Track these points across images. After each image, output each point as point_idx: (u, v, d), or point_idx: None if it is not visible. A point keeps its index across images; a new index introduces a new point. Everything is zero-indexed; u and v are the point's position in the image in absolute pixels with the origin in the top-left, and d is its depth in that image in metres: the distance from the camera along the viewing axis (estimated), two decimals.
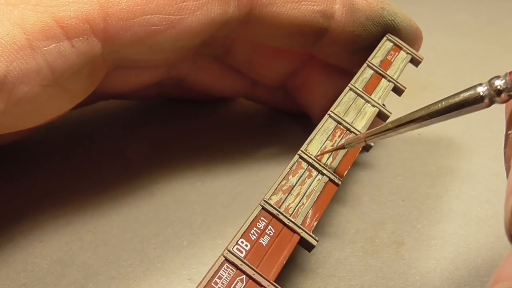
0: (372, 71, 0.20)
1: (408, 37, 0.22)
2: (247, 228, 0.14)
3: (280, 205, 0.15)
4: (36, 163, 0.24)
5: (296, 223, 0.15)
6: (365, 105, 0.19)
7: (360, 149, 0.18)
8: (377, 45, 0.21)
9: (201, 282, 0.13)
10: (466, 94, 0.15)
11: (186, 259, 0.19)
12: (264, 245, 0.14)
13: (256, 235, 0.14)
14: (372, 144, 0.18)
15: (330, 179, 0.16)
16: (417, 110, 0.15)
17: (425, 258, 0.19)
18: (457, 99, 0.15)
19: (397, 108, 0.30)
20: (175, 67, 0.24)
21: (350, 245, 0.20)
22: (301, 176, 0.16)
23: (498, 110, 0.29)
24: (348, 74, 0.22)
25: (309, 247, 0.15)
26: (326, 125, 0.18)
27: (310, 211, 0.15)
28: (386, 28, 0.22)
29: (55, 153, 0.25)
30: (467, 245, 0.20)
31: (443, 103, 0.15)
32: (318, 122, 0.18)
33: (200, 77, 0.25)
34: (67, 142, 0.26)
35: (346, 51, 0.22)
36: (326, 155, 0.17)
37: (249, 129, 0.27)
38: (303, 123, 0.27)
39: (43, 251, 0.19)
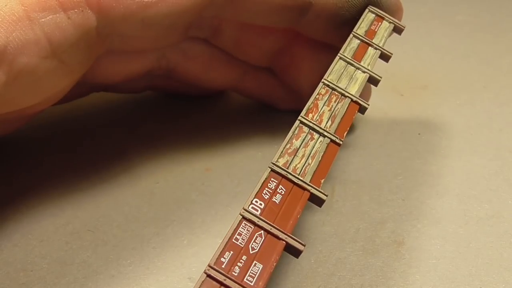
0: (359, 41, 0.21)
1: (388, 8, 0.23)
2: (259, 189, 0.15)
3: (288, 166, 0.16)
4: (35, 163, 0.24)
5: (305, 181, 0.15)
6: (356, 71, 0.20)
7: (356, 111, 0.19)
8: (359, 18, 0.22)
9: (222, 240, 0.13)
10: None
11: (186, 259, 0.19)
12: (277, 202, 0.15)
13: (269, 195, 0.15)
14: (367, 106, 0.19)
15: (331, 140, 0.17)
16: None
17: (425, 257, 0.19)
18: None
19: (397, 108, 0.30)
20: (164, 57, 0.24)
21: (350, 244, 0.20)
22: (304, 139, 0.17)
23: (498, 110, 0.29)
24: (334, 49, 0.23)
25: (319, 202, 0.16)
26: (321, 92, 0.19)
27: (316, 170, 0.16)
28: (367, 0, 0.23)
29: (55, 153, 0.25)
30: (467, 245, 0.20)
31: None
32: (308, 98, 0.19)
33: (190, 67, 0.25)
34: (66, 142, 0.26)
35: (330, 25, 0.23)
36: (325, 120, 0.18)
37: (250, 129, 0.27)
38: None
39: (43, 251, 0.19)
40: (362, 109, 0.19)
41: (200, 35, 0.24)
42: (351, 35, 0.21)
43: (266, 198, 0.15)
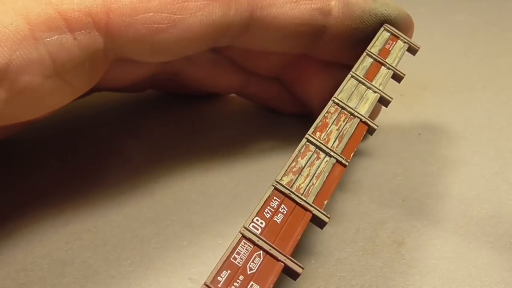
0: (372, 59, 0.21)
1: (401, 25, 0.23)
2: (261, 207, 0.15)
3: (292, 185, 0.16)
4: (35, 163, 0.24)
5: (308, 201, 0.15)
6: (367, 91, 0.20)
7: (365, 132, 0.18)
8: (374, 36, 0.22)
9: (220, 258, 0.13)
10: None
11: (186, 259, 0.19)
12: (279, 222, 0.14)
13: (270, 213, 0.15)
14: (375, 127, 0.19)
15: (337, 161, 0.17)
16: None
17: (425, 258, 0.19)
18: None
19: (397, 108, 0.30)
20: (169, 62, 0.24)
21: (351, 244, 0.20)
22: (309, 158, 0.17)
23: (498, 110, 0.29)
24: (346, 67, 0.22)
25: (321, 224, 0.15)
26: (330, 110, 0.18)
27: (320, 191, 0.16)
28: (381, 19, 0.22)
29: (55, 153, 0.25)
30: (467, 245, 0.20)
31: None
32: (318, 113, 0.18)
33: (195, 71, 0.25)
34: (66, 142, 0.26)
35: (344, 46, 0.22)
36: (332, 139, 0.17)
37: (250, 128, 0.27)
38: (303, 122, 0.27)
39: (43, 251, 0.19)
40: (371, 130, 0.19)
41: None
42: (364, 53, 0.21)
43: (267, 217, 0.14)
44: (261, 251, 0.14)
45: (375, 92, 0.20)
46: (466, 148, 0.25)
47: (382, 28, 0.22)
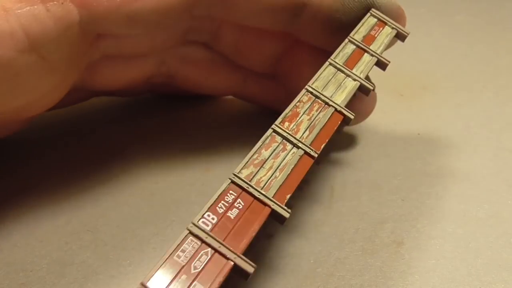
0: (354, 46, 0.20)
1: (389, 13, 0.22)
2: (214, 201, 0.14)
3: (251, 179, 0.15)
4: (35, 163, 0.24)
5: (268, 195, 0.14)
6: (345, 79, 0.19)
7: (340, 122, 0.17)
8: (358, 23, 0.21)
9: (162, 256, 0.12)
10: None
11: None
12: (232, 218, 0.14)
13: (224, 208, 0.14)
14: (351, 117, 0.18)
15: (305, 152, 0.16)
16: None
17: (425, 258, 0.19)
18: None
19: (397, 108, 0.30)
20: (164, 63, 0.24)
21: (350, 244, 0.20)
22: (274, 150, 0.16)
23: (498, 110, 0.29)
24: None
25: (281, 219, 0.15)
26: (303, 99, 0.18)
27: (283, 184, 0.15)
28: (364, 4, 0.22)
29: (54, 153, 0.25)
30: (467, 245, 0.20)
31: None
32: None
33: (191, 73, 0.25)
34: (66, 142, 0.26)
35: (326, 29, 0.22)
36: (302, 130, 0.16)
37: (250, 129, 0.27)
38: None
39: (43, 251, 0.19)
40: (347, 120, 0.18)
41: (199, 39, 0.24)
42: (346, 40, 0.20)
43: (220, 212, 0.14)
44: (209, 249, 0.13)
45: (354, 80, 0.19)
46: (466, 148, 0.25)
47: (368, 14, 0.21)
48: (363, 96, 0.20)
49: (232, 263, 0.13)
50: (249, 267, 0.13)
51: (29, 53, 0.17)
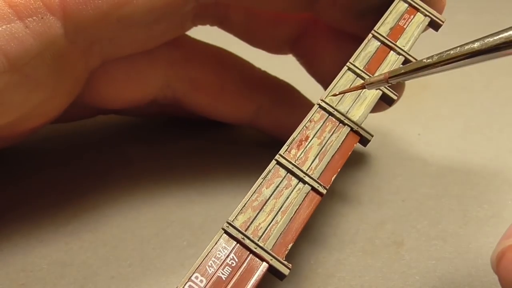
0: (379, 43, 0.17)
1: None
2: (204, 259, 0.12)
3: (248, 227, 0.13)
4: (35, 163, 0.24)
5: (265, 248, 0.13)
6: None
7: (355, 145, 0.16)
8: (387, 8, 0.18)
9: None
10: (505, 35, 0.13)
11: (186, 259, 0.19)
12: (224, 278, 0.12)
13: (214, 268, 0.12)
14: (369, 138, 0.16)
15: (312, 188, 0.14)
16: (448, 50, 0.14)
17: (425, 258, 0.19)
18: (495, 39, 0.13)
19: (397, 108, 0.30)
20: (169, 86, 0.22)
21: (350, 245, 0.20)
22: (277, 187, 0.14)
23: (498, 110, 0.29)
24: (361, 38, 0.18)
25: (281, 276, 0.13)
26: (314, 118, 0.15)
27: (284, 231, 0.13)
28: None
29: (55, 153, 0.25)
30: (467, 245, 0.20)
31: (478, 43, 0.13)
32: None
33: (198, 98, 0.23)
34: (66, 142, 0.26)
35: (349, 13, 0.19)
36: (311, 158, 0.14)
37: (250, 128, 0.27)
38: None
39: (43, 251, 0.19)
40: (364, 141, 0.16)
41: (206, 23, 0.22)
42: (369, 35, 0.17)
43: (210, 272, 0.12)
44: None
45: (376, 88, 0.16)
46: (466, 148, 0.25)
47: None
48: None
49: None
50: None
51: (10, 73, 0.16)
